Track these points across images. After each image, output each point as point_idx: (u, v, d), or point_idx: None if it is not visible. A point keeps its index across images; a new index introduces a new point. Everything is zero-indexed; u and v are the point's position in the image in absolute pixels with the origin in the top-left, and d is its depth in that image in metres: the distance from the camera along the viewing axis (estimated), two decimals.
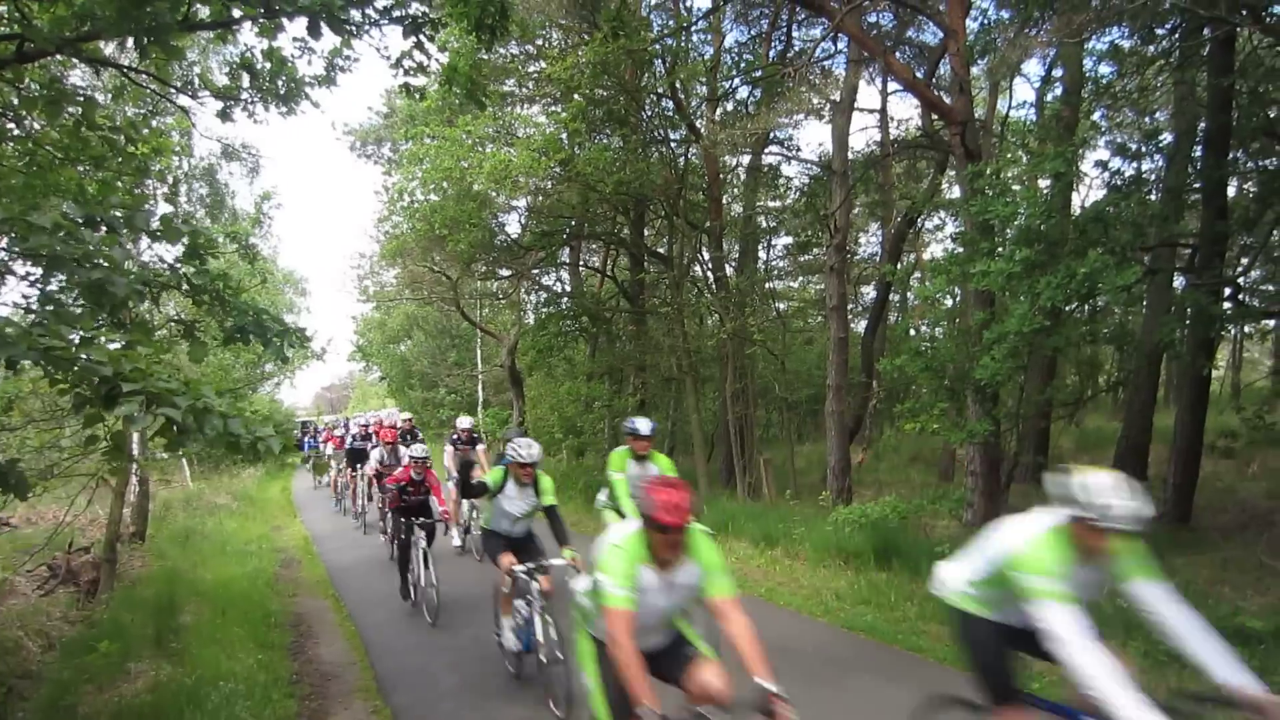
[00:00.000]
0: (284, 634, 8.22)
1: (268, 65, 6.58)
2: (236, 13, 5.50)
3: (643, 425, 7.37)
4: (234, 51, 7.37)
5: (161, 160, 7.69)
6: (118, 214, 4.33)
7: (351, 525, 15.21)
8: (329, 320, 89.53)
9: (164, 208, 10.20)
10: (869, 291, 25.65)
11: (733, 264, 19.03)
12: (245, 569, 10.94)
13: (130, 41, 4.92)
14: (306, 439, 25.12)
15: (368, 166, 52.02)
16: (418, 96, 7.10)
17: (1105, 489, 3.22)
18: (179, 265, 5.03)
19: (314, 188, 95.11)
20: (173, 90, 7.24)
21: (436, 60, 6.68)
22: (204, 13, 5.64)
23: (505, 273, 21.38)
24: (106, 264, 3.87)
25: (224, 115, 6.93)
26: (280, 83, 6.77)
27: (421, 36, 6.25)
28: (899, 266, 18.13)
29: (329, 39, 5.93)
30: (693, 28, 16.25)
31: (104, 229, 4.17)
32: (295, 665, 7.28)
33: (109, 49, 7.10)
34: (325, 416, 39.73)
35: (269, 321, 4.90)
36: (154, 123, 9.03)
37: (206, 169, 21.55)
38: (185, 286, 4.80)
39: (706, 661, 3.82)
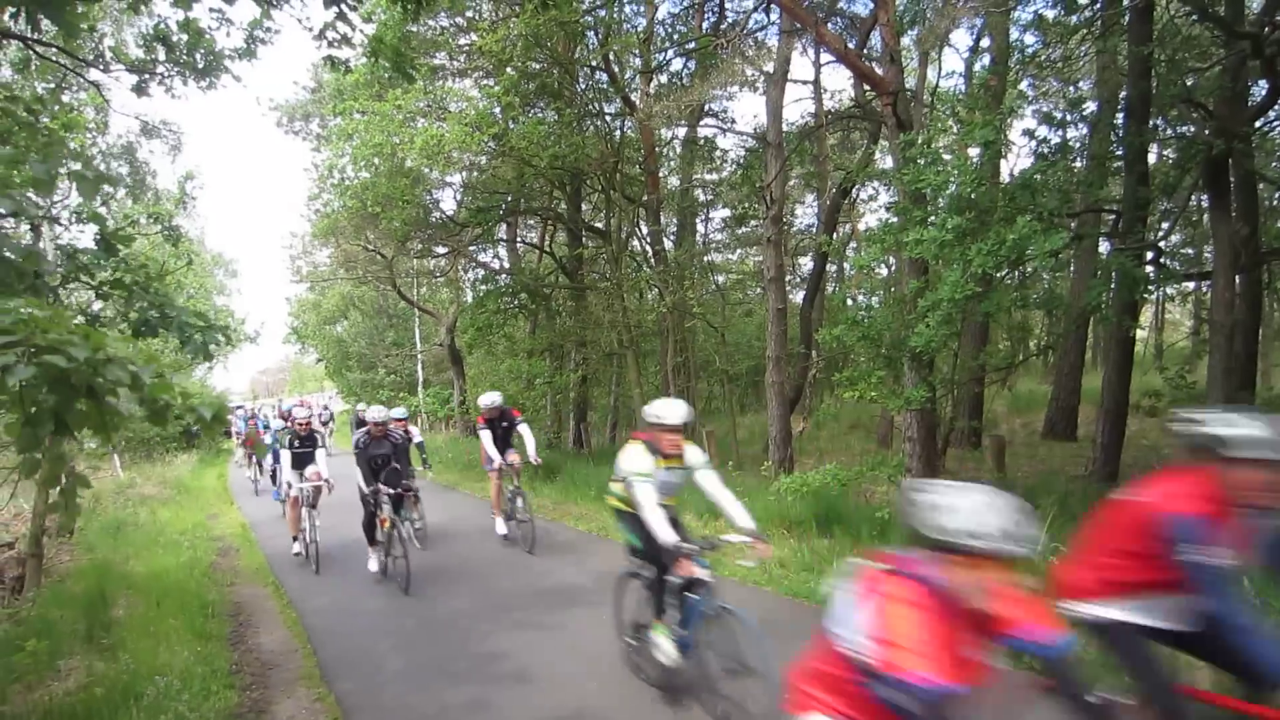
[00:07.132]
0: (222, 624, 7.99)
1: (184, 37, 6.35)
2: None
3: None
4: (148, 24, 7.10)
5: (75, 138, 7.39)
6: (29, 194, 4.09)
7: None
8: (263, 302, 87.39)
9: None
10: (806, 262, 25.86)
11: (671, 237, 19.01)
12: (180, 559, 10.57)
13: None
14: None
15: (297, 143, 50.89)
16: (343, 70, 6.92)
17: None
18: (85, 255, 4.77)
19: (243, 166, 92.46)
20: (82, 64, 6.95)
21: (361, 32, 6.47)
22: None
23: (441, 250, 21.10)
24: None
25: (139, 90, 6.68)
26: (198, 56, 6.54)
27: (344, 7, 6.02)
28: (835, 237, 18.33)
29: (248, 9, 5.73)
30: None
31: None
32: (235, 655, 7.09)
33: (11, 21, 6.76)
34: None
35: (188, 318, 4.66)
36: (65, 98, 8.64)
37: (126, 147, 20.80)
38: (90, 278, 4.52)
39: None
